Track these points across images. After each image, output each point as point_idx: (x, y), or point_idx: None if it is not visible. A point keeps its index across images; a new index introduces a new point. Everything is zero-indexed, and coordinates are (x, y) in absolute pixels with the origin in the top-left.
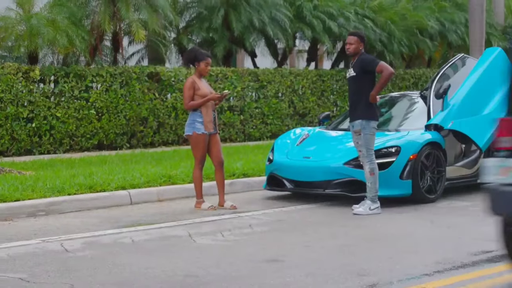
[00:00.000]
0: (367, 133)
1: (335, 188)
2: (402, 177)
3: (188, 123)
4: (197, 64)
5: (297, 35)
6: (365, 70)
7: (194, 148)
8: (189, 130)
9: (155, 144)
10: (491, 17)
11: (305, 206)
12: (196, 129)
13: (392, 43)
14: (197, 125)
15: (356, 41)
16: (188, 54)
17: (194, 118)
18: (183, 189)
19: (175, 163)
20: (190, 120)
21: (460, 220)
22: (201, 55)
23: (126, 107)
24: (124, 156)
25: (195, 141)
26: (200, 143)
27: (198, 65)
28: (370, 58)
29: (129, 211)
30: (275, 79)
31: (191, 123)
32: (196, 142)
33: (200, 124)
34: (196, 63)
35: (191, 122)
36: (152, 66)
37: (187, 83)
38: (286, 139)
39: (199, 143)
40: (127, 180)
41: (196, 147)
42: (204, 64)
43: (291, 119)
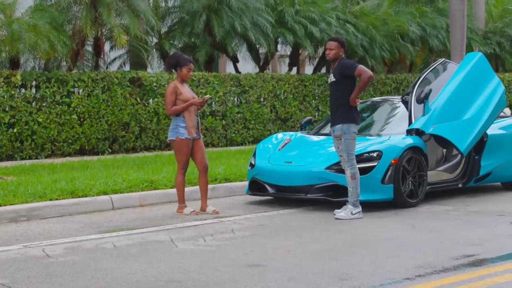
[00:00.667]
0: (347, 138)
1: (317, 193)
2: (383, 182)
3: (171, 128)
4: (179, 69)
5: (279, 40)
6: (344, 75)
7: (177, 153)
8: (172, 135)
9: (137, 149)
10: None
11: (287, 210)
12: (179, 134)
13: (373, 48)
14: (180, 130)
15: (336, 47)
16: (170, 59)
17: (177, 123)
18: (165, 194)
19: (157, 168)
20: (173, 125)
21: (441, 224)
22: (183, 60)
23: (108, 112)
24: (106, 161)
25: (178, 146)
26: (183, 148)
27: (180, 70)
28: (349, 62)
29: (111, 216)
30: (257, 84)
31: (174, 128)
32: (180, 147)
33: (183, 129)
34: (178, 68)
35: (174, 127)
36: (134, 71)
37: (169, 88)
38: (268, 144)
39: (182, 148)
40: (109, 185)
41: (179, 152)
42: (186, 70)
43: (273, 124)
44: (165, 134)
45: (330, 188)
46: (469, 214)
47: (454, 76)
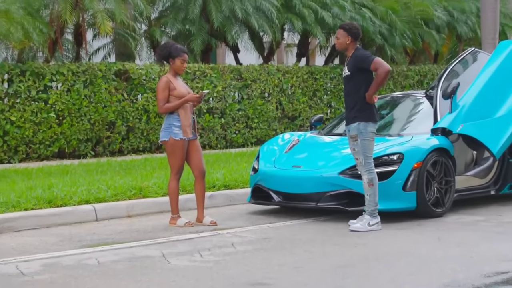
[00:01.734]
0: (364, 138)
1: (329, 201)
2: (405, 189)
3: (164, 128)
4: (171, 61)
5: (286, 27)
6: (359, 68)
7: (170, 156)
8: (165, 136)
9: (124, 152)
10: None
11: (295, 221)
12: (173, 134)
13: (393, 36)
14: (174, 130)
15: (343, 35)
16: (161, 49)
17: (171, 122)
18: (156, 203)
19: (147, 174)
20: (166, 125)
21: (471, 236)
22: (176, 50)
23: (90, 110)
24: (88, 165)
25: (171, 148)
26: (177, 150)
27: (173, 62)
28: (364, 54)
29: (95, 229)
30: (260, 77)
31: (167, 127)
32: (173, 149)
33: (177, 129)
34: (170, 60)
35: (167, 127)
36: (120, 63)
37: (161, 82)
38: (273, 146)
39: (176, 151)
40: (92, 193)
41: (172, 154)
42: (179, 61)
43: (279, 123)
44: (156, 135)
45: (345, 195)
46: (502, 225)
47: (485, 68)
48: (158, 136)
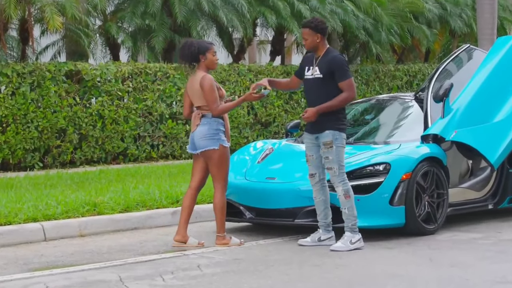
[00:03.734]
0: (339, 145)
1: (308, 217)
2: (392, 203)
3: (209, 134)
4: (202, 57)
5: (258, 22)
6: (332, 72)
7: (219, 166)
8: (214, 143)
9: (76, 163)
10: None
11: (269, 240)
12: (222, 141)
13: (379, 32)
14: (222, 136)
15: (310, 34)
16: (187, 50)
17: (217, 127)
18: (112, 220)
19: (102, 188)
20: (212, 130)
21: (466, 256)
22: (202, 44)
23: (38, 116)
24: (36, 178)
25: (221, 157)
26: (227, 159)
27: (204, 58)
28: (342, 62)
29: (43, 250)
30: (230, 78)
31: (214, 133)
32: (223, 158)
33: (224, 135)
34: (201, 57)
35: (214, 133)
36: (72, 63)
37: (209, 80)
38: (244, 155)
39: (226, 159)
40: (39, 210)
41: (221, 164)
42: (211, 54)
43: (251, 129)
44: (112, 143)
45: None
46: (501, 244)
47: (481, 67)
48: (115, 145)
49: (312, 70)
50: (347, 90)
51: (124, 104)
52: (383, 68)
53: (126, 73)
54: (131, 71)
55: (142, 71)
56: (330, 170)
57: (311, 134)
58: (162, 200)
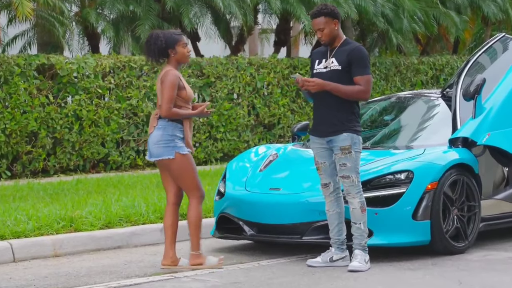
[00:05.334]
0: (357, 150)
1: (317, 234)
2: (416, 217)
3: (163, 141)
4: (171, 51)
5: (260, 8)
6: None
7: (182, 175)
8: (168, 152)
9: (50, 172)
10: None
11: (273, 261)
12: (179, 149)
13: (400, 19)
14: (178, 143)
15: (327, 23)
16: (152, 44)
17: (173, 132)
18: (92, 238)
19: (80, 200)
20: (166, 136)
21: (501, 279)
22: (170, 37)
23: (5, 117)
24: (3, 189)
25: (181, 166)
26: (189, 165)
27: (173, 52)
28: (365, 55)
29: (11, 272)
30: (227, 72)
31: (169, 140)
32: (184, 166)
33: (181, 142)
34: (170, 51)
35: (169, 139)
36: (44, 55)
37: (171, 76)
38: (244, 162)
39: (187, 166)
40: (7, 226)
41: (186, 172)
42: (181, 47)
43: (252, 133)
44: (92, 149)
45: None
46: None
47: None
48: (94, 151)
49: (326, 62)
50: (365, 88)
51: (105, 104)
52: (405, 61)
53: (107, 68)
54: (112, 65)
55: (125, 65)
56: (346, 179)
57: (321, 138)
58: (149, 215)
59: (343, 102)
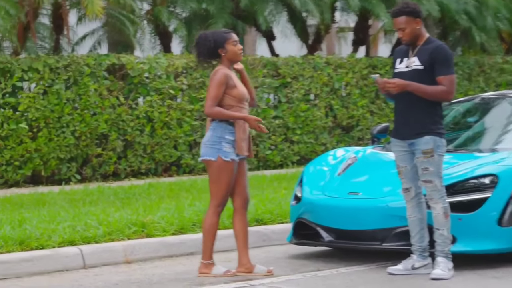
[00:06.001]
0: (441, 154)
1: (397, 241)
2: (501, 223)
3: (210, 141)
4: (222, 51)
5: (338, 5)
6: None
7: (215, 181)
8: (211, 153)
9: (120, 175)
10: None
11: (352, 268)
12: (222, 153)
13: (483, 16)
14: (224, 146)
15: (409, 22)
16: (201, 46)
17: (221, 134)
18: (164, 244)
19: (152, 205)
20: (214, 137)
21: None
22: (219, 35)
23: (74, 119)
24: (72, 193)
25: (218, 171)
26: (225, 175)
27: (224, 51)
28: (449, 55)
29: (81, 279)
30: (304, 72)
31: (216, 141)
32: (220, 173)
33: (229, 146)
34: (220, 51)
35: (216, 141)
36: (115, 55)
37: (219, 75)
38: (322, 166)
39: (224, 174)
40: (77, 231)
41: (218, 180)
42: (231, 45)
43: (330, 135)
44: (164, 152)
45: None
46: None
47: None
48: (166, 154)
49: (408, 61)
50: (448, 88)
51: (177, 105)
52: (489, 60)
53: (179, 68)
54: (185, 65)
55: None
56: (428, 184)
57: (402, 141)
58: (223, 220)
59: (425, 103)
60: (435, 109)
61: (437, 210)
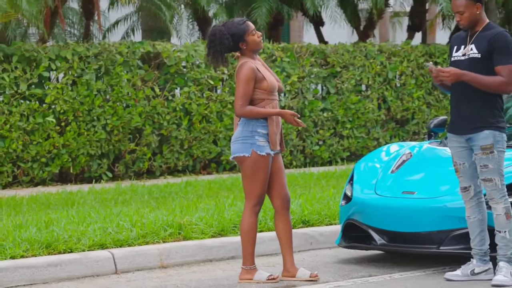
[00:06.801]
0: (501, 149)
1: (457, 244)
2: None
3: (242, 137)
4: (242, 44)
5: None
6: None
7: (249, 178)
8: (245, 149)
9: (156, 173)
10: None
11: (406, 273)
12: (257, 147)
13: None
14: (258, 140)
15: (467, 5)
16: (220, 44)
17: (253, 128)
18: (202, 247)
19: (189, 205)
20: (246, 132)
21: None
22: (237, 27)
23: (106, 112)
24: (103, 192)
25: (253, 167)
26: (261, 171)
27: (244, 44)
28: (509, 41)
29: (113, 285)
30: (355, 61)
31: (248, 136)
32: (255, 169)
33: (263, 139)
34: (240, 44)
35: (248, 135)
36: (149, 43)
37: (246, 69)
38: (374, 163)
39: (259, 171)
40: (109, 234)
41: (253, 177)
42: (250, 35)
43: (383, 129)
44: (202, 148)
45: None
46: None
47: None
48: (205, 150)
49: (465, 49)
50: (506, 77)
51: (217, 96)
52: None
53: None
54: None
55: None
56: (488, 183)
57: (459, 136)
58: (267, 221)
59: (484, 95)
60: (494, 101)
61: (498, 210)
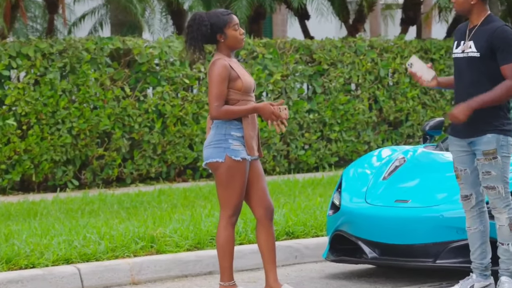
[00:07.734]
0: (505, 155)
1: (454, 257)
2: None
3: (214, 141)
4: (220, 36)
5: None
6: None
7: (224, 186)
8: (218, 154)
9: (126, 180)
10: None
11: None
12: (231, 152)
13: None
14: (232, 144)
15: None
16: (198, 30)
17: (226, 131)
18: (177, 261)
19: (163, 215)
20: (219, 135)
21: None
22: (218, 18)
23: (72, 114)
24: (69, 202)
25: (228, 174)
26: (237, 177)
27: (222, 37)
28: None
29: None
30: (343, 58)
31: (221, 140)
32: (230, 176)
33: (237, 143)
34: (218, 36)
35: (221, 139)
36: (119, 38)
37: (218, 67)
38: (364, 168)
39: (236, 177)
40: (74, 247)
41: (229, 184)
42: (232, 30)
43: (374, 132)
44: (177, 153)
45: None
46: None
47: None
48: (180, 155)
49: (463, 45)
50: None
51: (193, 97)
52: None
53: None
54: None
55: None
56: (491, 190)
57: (461, 139)
58: (248, 233)
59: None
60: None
61: (501, 221)
